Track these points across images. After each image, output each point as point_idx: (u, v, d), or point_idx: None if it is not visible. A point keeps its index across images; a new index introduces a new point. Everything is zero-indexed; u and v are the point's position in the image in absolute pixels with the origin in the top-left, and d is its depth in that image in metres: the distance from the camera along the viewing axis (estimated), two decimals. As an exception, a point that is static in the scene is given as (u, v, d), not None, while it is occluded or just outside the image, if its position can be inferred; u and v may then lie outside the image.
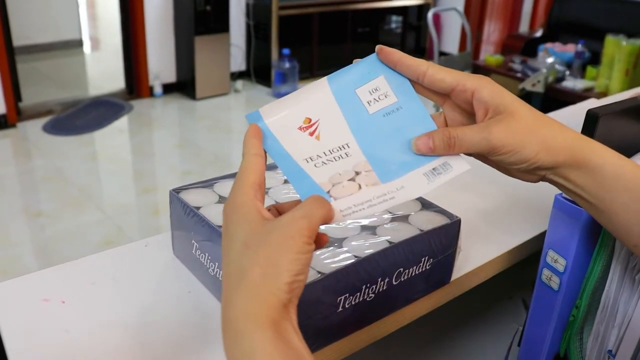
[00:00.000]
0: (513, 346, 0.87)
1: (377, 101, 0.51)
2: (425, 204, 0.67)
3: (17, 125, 4.37)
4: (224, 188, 0.67)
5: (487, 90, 0.48)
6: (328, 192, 0.48)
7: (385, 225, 0.63)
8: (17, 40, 4.80)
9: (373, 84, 0.51)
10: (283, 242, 0.39)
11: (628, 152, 0.63)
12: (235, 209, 0.42)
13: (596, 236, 0.59)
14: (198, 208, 0.63)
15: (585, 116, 0.57)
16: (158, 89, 5.15)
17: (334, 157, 0.50)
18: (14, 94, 4.40)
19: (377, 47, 0.51)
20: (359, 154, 0.50)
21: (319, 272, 0.56)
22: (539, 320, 0.67)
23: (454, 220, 0.64)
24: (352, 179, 0.49)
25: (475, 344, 0.95)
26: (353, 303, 0.58)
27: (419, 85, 0.51)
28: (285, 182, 0.72)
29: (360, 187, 0.49)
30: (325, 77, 0.52)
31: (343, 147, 0.51)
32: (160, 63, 5.14)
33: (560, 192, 0.61)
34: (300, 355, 0.37)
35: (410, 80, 0.51)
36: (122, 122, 4.67)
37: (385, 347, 0.77)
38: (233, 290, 0.39)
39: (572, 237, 0.59)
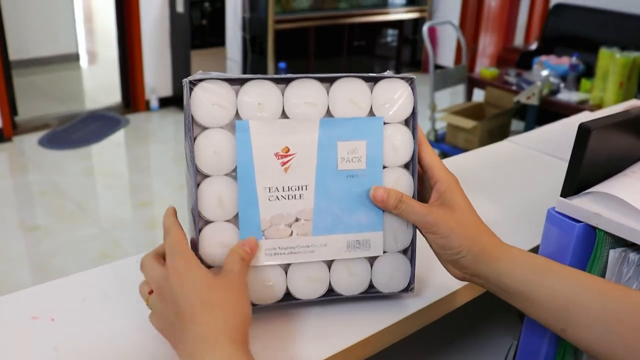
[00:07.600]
0: (508, 360, 0.87)
1: (349, 162, 0.55)
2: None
3: (13, 140, 4.37)
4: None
5: (445, 185, 0.58)
6: (263, 230, 0.54)
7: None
8: (14, 54, 4.82)
9: (354, 144, 0.56)
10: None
11: (620, 165, 0.63)
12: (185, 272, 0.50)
13: (589, 249, 0.59)
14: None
15: (577, 129, 0.57)
16: (154, 103, 5.15)
17: (289, 195, 0.54)
18: (10, 107, 4.40)
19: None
20: (311, 199, 0.55)
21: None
22: (534, 333, 0.66)
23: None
24: (289, 225, 0.55)
25: (470, 358, 0.94)
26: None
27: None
28: None
29: (292, 234, 0.55)
30: (319, 118, 0.55)
31: (302, 187, 0.55)
32: (157, 77, 5.15)
33: (554, 206, 0.61)
34: None
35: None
36: (119, 136, 4.67)
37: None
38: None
39: (566, 251, 0.59)
